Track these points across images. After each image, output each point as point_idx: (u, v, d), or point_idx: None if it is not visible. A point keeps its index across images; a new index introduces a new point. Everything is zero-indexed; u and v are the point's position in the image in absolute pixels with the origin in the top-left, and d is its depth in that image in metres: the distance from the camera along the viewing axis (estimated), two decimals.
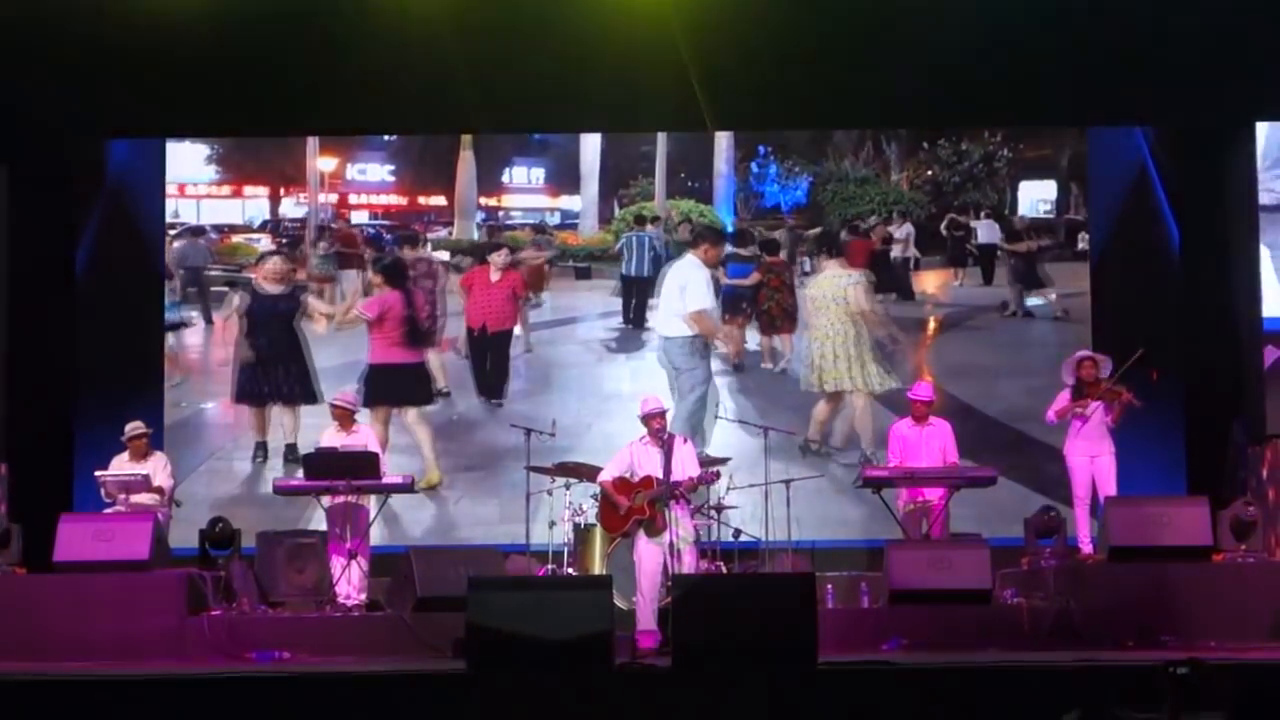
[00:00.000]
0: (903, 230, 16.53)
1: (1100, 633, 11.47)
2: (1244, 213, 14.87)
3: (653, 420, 12.53)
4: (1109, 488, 13.25)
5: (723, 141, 16.64)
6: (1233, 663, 9.48)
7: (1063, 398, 13.46)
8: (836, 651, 10.58)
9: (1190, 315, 15.12)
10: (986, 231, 16.65)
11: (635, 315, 16.35)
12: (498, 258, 16.09)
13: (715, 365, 15.80)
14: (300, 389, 15.75)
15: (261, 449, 15.77)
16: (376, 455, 13.14)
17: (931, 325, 16.37)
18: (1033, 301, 16.33)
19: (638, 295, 16.37)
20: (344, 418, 13.59)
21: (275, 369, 15.76)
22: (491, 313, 16.06)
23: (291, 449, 15.51)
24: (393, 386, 15.68)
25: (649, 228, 16.49)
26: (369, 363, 15.77)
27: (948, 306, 16.48)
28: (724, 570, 13.02)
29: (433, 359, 16.04)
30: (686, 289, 15.52)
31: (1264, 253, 14.31)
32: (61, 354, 15.16)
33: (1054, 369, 14.15)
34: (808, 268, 16.45)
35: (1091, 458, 13.36)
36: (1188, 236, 15.24)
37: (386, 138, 16.99)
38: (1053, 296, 16.30)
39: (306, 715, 9.50)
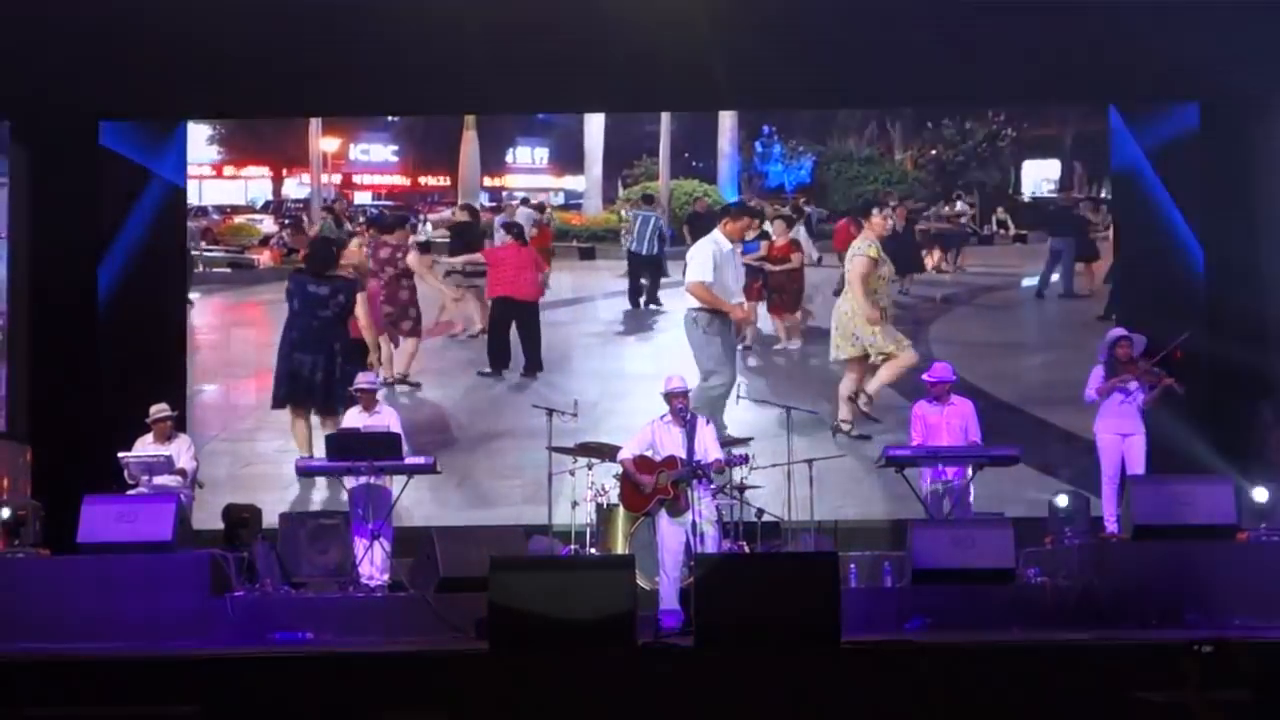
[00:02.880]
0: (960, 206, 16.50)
1: (1124, 612, 11.43)
2: (1270, 190, 14.83)
3: (675, 399, 12.51)
4: (1139, 468, 13.19)
5: (727, 121, 16.59)
6: (1257, 641, 9.44)
7: (1098, 375, 13.38)
8: (860, 631, 10.54)
9: (1216, 295, 15.07)
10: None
11: (648, 294, 16.33)
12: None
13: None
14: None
15: None
16: (399, 436, 13.15)
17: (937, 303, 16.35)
18: (1057, 277, 16.30)
19: (649, 275, 16.34)
20: (366, 399, 13.61)
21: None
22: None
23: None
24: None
25: (656, 207, 16.48)
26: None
27: (949, 286, 16.42)
28: (746, 550, 13.00)
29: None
30: (690, 261, 15.40)
31: None
32: (86, 335, 15.21)
33: (1063, 347, 14.11)
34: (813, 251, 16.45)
35: (1123, 436, 13.29)
36: (1213, 216, 15.19)
37: (390, 118, 16.93)
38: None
39: (329, 695, 9.52)
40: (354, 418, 13.64)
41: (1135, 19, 14.11)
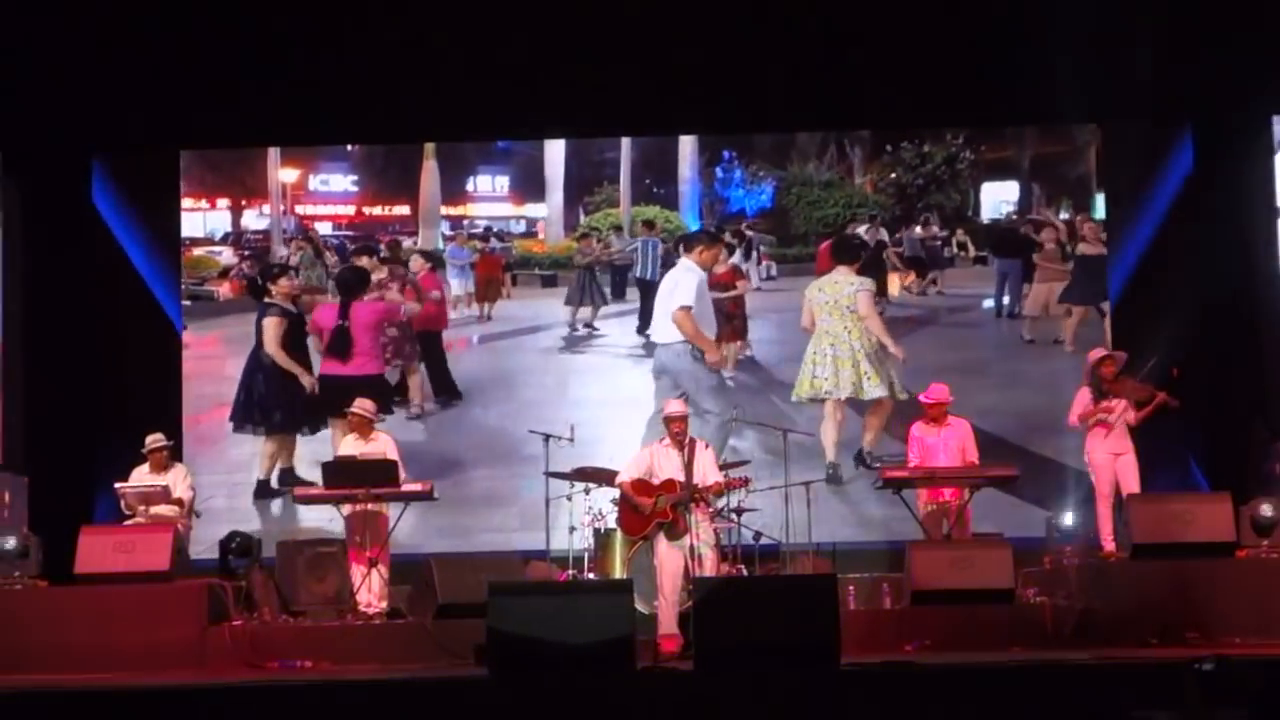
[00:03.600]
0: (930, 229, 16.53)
1: (1124, 631, 11.41)
2: (1263, 205, 14.85)
3: (673, 423, 12.48)
4: (1133, 485, 13.17)
5: (687, 147, 16.59)
6: (1257, 659, 9.43)
7: (1083, 396, 13.37)
8: (859, 653, 10.52)
9: (1210, 309, 15.07)
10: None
11: (644, 320, 16.30)
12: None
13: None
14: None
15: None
16: (395, 463, 13.13)
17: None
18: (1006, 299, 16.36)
19: (648, 299, 16.31)
20: (362, 425, 13.59)
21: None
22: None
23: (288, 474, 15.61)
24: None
25: (657, 232, 16.44)
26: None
27: (914, 308, 16.41)
28: (745, 573, 12.98)
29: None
30: (675, 290, 15.06)
31: None
32: (81, 366, 15.20)
33: (1021, 369, 14.27)
34: (773, 272, 16.40)
35: (1115, 455, 13.28)
36: (1206, 231, 15.20)
37: (349, 148, 16.84)
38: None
39: None
40: (350, 445, 13.62)
41: (1120, 40, 14.16)
